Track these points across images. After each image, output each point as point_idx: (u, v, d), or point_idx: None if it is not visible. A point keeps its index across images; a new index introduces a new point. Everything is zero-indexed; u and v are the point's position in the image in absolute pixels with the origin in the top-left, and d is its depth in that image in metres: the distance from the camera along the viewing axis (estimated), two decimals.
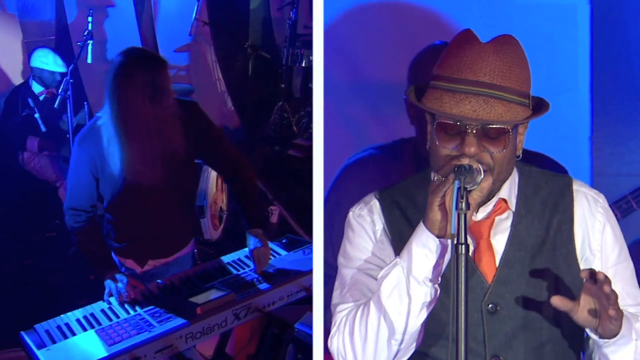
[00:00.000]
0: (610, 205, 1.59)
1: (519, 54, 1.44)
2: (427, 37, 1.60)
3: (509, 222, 1.50)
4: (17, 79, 4.58)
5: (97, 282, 2.59)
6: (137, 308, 2.37)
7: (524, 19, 1.89)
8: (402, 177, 1.61)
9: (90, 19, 4.06)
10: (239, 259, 2.71)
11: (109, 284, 2.44)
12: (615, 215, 1.62)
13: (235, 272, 2.58)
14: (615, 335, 1.39)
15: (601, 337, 1.41)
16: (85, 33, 4.02)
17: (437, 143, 1.44)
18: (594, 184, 1.99)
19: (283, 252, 2.74)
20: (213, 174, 3.95)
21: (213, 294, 2.41)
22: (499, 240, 1.50)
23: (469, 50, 1.41)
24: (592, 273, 1.33)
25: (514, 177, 1.53)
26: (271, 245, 2.78)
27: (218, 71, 6.14)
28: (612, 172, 2.11)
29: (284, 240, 2.82)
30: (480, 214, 1.50)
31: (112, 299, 2.42)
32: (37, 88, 4.09)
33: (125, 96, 2.32)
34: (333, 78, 1.65)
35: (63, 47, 4.70)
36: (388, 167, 1.96)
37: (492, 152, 1.41)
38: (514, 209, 1.51)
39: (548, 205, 1.52)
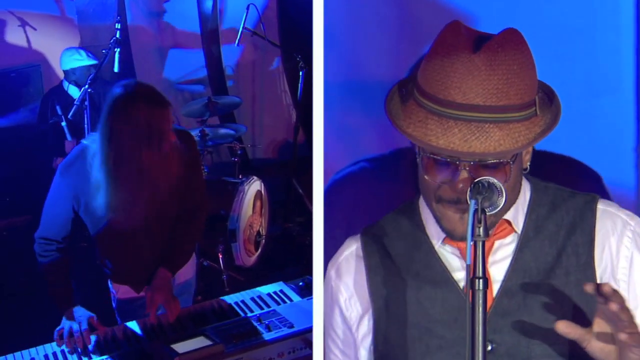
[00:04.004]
0: None
1: (518, 57, 1.20)
2: (438, 29, 1.30)
3: (512, 247, 1.30)
4: None
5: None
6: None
7: (554, 6, 1.59)
8: (398, 196, 1.43)
9: (118, 25, 3.75)
10: (258, 297, 2.32)
11: (65, 322, 2.14)
12: None
13: (239, 316, 2.19)
14: None
15: None
16: (112, 40, 3.70)
17: (425, 176, 1.25)
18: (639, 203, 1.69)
19: (296, 298, 2.32)
20: (249, 195, 3.59)
21: (200, 342, 2.04)
22: (499, 268, 1.29)
23: (456, 64, 1.18)
24: (599, 287, 1.10)
25: (525, 195, 1.33)
26: (284, 287, 2.39)
27: (284, 83, 5.89)
28: None
29: (300, 283, 2.38)
30: None
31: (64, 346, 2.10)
32: (74, 92, 3.88)
33: (119, 138, 2.03)
34: (331, 79, 1.46)
35: (123, 51, 4.54)
36: (382, 183, 1.68)
37: None
38: (519, 231, 1.30)
39: (563, 227, 1.30)
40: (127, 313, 2.35)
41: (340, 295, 1.39)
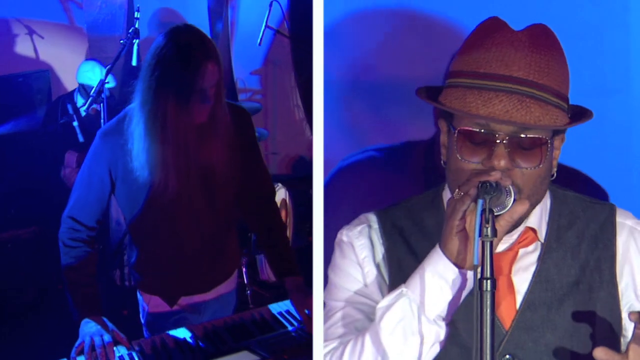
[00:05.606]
0: None
1: (557, 48, 1.25)
2: (443, 29, 1.39)
3: (535, 256, 1.30)
4: None
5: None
6: None
7: (562, 4, 1.58)
8: (406, 189, 1.44)
9: (137, 14, 3.50)
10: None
11: (85, 332, 1.86)
12: None
13: (285, 328, 1.94)
14: None
15: None
16: (131, 31, 3.44)
17: (458, 156, 1.22)
18: None
19: None
20: None
21: (244, 357, 1.80)
22: (522, 278, 1.29)
23: (499, 39, 1.22)
24: None
25: (546, 203, 1.33)
26: None
27: (297, 97, 5.73)
28: None
29: None
30: (502, 245, 1.29)
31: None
32: (80, 101, 3.65)
33: (162, 91, 1.82)
34: (334, 76, 1.49)
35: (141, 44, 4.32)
36: (390, 174, 1.68)
37: (524, 168, 1.21)
38: (543, 240, 1.31)
39: (585, 239, 1.32)
40: (161, 331, 2.05)
41: (357, 252, 1.36)
